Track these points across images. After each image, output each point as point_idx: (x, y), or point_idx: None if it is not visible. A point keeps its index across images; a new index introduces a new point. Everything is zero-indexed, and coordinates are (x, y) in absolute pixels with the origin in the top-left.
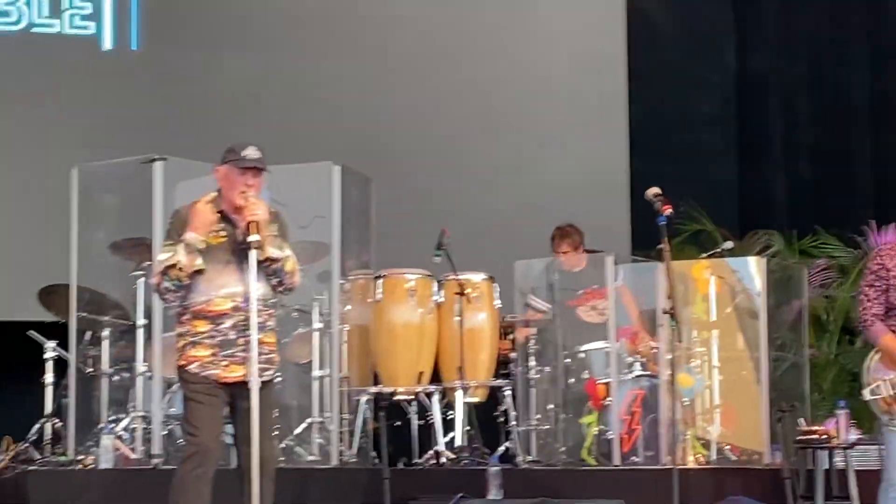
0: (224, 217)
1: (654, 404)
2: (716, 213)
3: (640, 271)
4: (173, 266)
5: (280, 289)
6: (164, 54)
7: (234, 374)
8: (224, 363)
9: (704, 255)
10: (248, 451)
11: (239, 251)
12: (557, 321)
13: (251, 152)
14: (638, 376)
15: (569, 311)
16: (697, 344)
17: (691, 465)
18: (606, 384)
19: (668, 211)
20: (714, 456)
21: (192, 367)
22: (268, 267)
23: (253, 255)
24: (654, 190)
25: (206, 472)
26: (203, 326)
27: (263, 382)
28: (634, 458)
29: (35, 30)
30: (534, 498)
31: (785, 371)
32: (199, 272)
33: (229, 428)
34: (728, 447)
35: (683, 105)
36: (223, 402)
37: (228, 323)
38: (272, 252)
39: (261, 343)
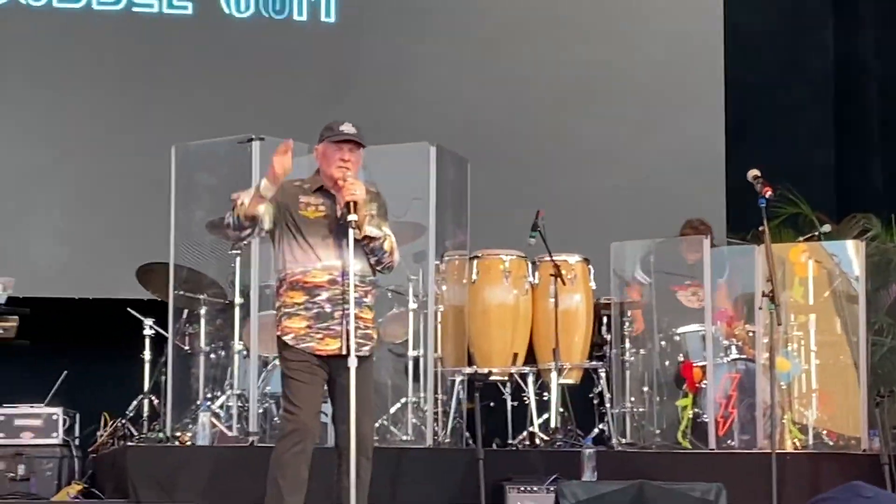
0: (324, 192)
1: (750, 388)
2: (813, 196)
3: (736, 254)
4: (237, 204)
5: (378, 267)
6: (256, 29)
7: (329, 347)
8: (319, 336)
9: (802, 238)
10: (345, 429)
11: (338, 227)
12: (654, 303)
13: (348, 128)
14: (734, 360)
15: (668, 294)
16: (795, 328)
17: (788, 449)
18: (702, 367)
19: (769, 193)
20: (811, 441)
21: (288, 339)
22: (366, 245)
23: (351, 233)
24: (755, 172)
25: (304, 449)
26: (299, 298)
27: (360, 358)
28: (730, 442)
29: (135, 9)
30: (628, 480)
31: (883, 356)
32: (255, 219)
33: (325, 407)
34: (825, 432)
35: (781, 87)
36: (322, 379)
37: (324, 295)
38: (370, 231)
39: (357, 318)
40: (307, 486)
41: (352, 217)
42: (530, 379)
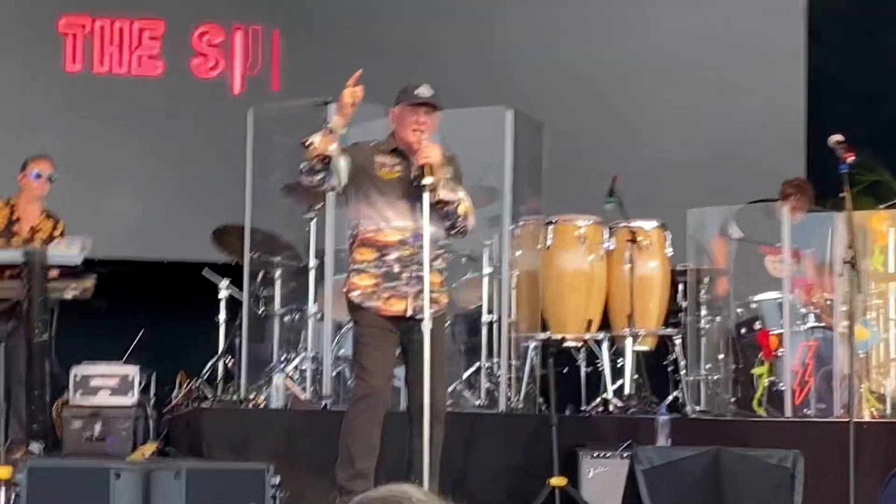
0: (399, 154)
1: (827, 356)
2: (894, 164)
3: (815, 222)
4: (309, 146)
5: (452, 231)
6: None
7: (394, 308)
8: (385, 295)
9: (883, 206)
10: (418, 393)
11: (411, 189)
12: (731, 269)
13: (424, 90)
14: (811, 328)
15: (748, 259)
16: (874, 296)
17: (866, 418)
18: (779, 335)
19: (850, 159)
20: (888, 410)
21: (354, 296)
22: (440, 209)
23: (426, 196)
24: (837, 137)
25: (375, 415)
26: (369, 255)
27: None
28: (806, 411)
29: None
30: (704, 447)
31: None
32: (327, 160)
33: (398, 371)
34: None
35: (864, 50)
36: (394, 343)
37: (394, 255)
38: (444, 195)
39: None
40: (379, 450)
41: (426, 180)
42: (604, 345)
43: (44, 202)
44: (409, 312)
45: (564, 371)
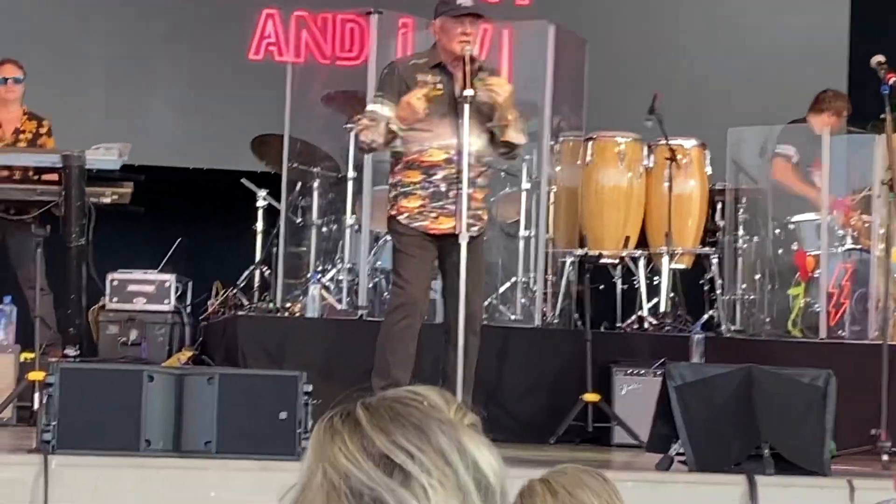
0: (442, 69)
1: (863, 279)
2: None
3: (856, 144)
4: (367, 141)
5: (505, 157)
6: None
7: (443, 226)
8: (433, 215)
9: None
10: (454, 305)
11: (456, 105)
12: (769, 189)
13: (466, 0)
14: (848, 250)
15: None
16: None
17: None
18: (816, 256)
19: (892, 80)
20: None
21: (402, 218)
22: (505, 149)
23: (467, 109)
24: (879, 58)
25: (412, 323)
26: (415, 177)
27: (471, 238)
28: (840, 333)
29: None
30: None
31: None
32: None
33: (436, 284)
34: None
35: None
36: (432, 255)
37: (440, 174)
38: (512, 136)
39: (471, 198)
40: (414, 361)
41: (468, 92)
42: (641, 263)
43: (21, 103)
44: (458, 230)
45: (600, 288)
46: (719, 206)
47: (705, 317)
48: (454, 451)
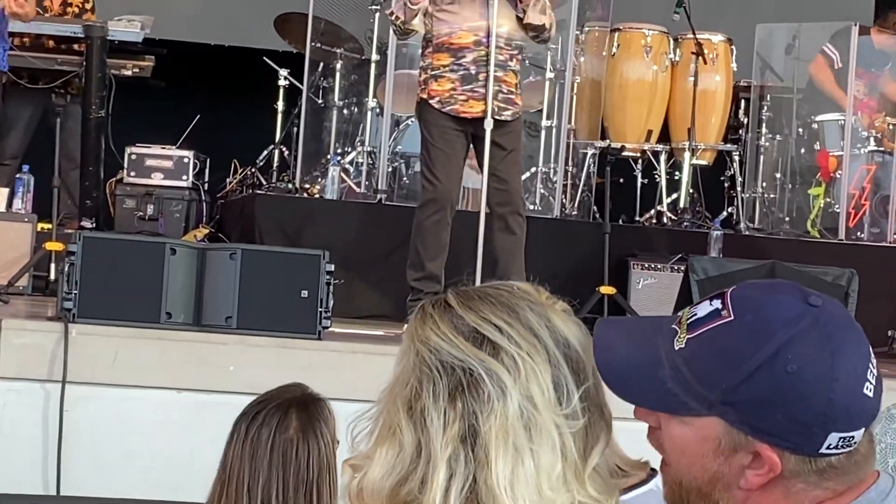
0: None
1: (885, 181)
2: None
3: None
4: (396, 22)
5: (536, 40)
6: None
7: (474, 109)
8: (463, 98)
9: None
10: (496, 188)
11: None
12: (795, 88)
13: None
14: (871, 151)
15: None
16: None
17: None
18: (838, 157)
19: None
20: None
21: (434, 102)
22: (535, 35)
23: None
24: None
25: (442, 217)
26: (445, 60)
27: (504, 122)
28: (860, 234)
29: None
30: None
31: None
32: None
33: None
34: None
35: None
36: (464, 142)
37: (469, 57)
38: (534, 17)
39: (501, 81)
40: (448, 249)
41: None
42: (662, 157)
43: None
44: (488, 114)
45: (620, 181)
46: (743, 102)
47: (724, 214)
48: (543, 328)
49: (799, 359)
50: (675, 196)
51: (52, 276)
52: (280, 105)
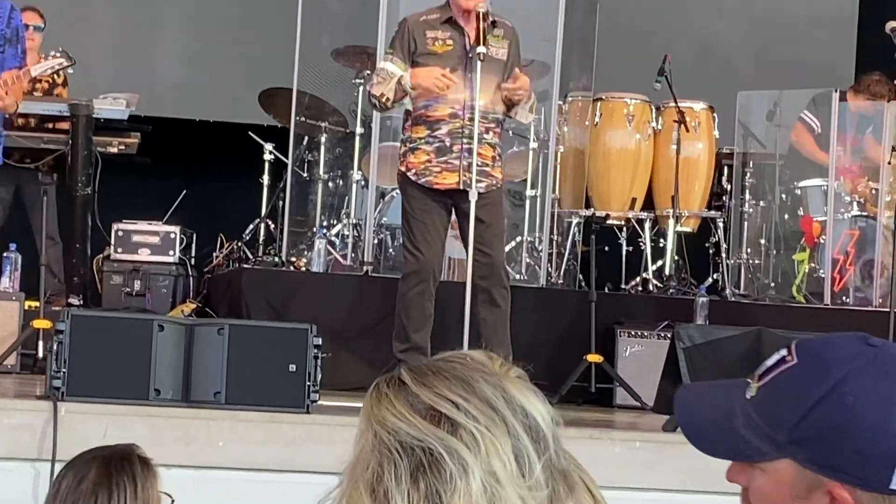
0: (452, 24)
1: (869, 246)
2: None
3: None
4: (381, 99)
5: (513, 118)
6: None
7: (447, 181)
8: (437, 170)
9: None
10: (480, 261)
11: (465, 60)
12: (777, 154)
13: None
14: (855, 216)
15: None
16: None
17: None
18: (822, 222)
19: None
20: None
21: (411, 175)
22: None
23: (479, 66)
24: (893, 24)
25: (426, 288)
26: (422, 132)
27: (480, 194)
28: (845, 299)
29: None
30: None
31: None
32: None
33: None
34: None
35: None
36: (443, 212)
37: (445, 129)
38: (521, 116)
39: (476, 153)
40: (433, 320)
41: (480, 49)
42: (647, 225)
43: (39, 52)
44: (462, 185)
45: (605, 249)
46: (726, 169)
47: (710, 280)
48: (500, 399)
49: (856, 392)
50: (660, 263)
51: (41, 354)
52: (266, 179)
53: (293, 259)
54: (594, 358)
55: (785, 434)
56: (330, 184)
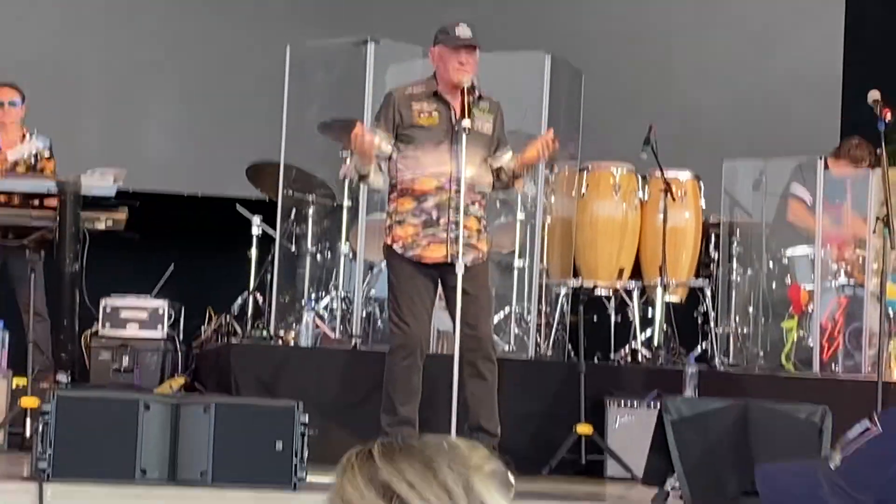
0: (438, 98)
1: (857, 314)
2: None
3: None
4: (352, 177)
5: (500, 188)
6: None
7: (435, 254)
8: (425, 242)
9: None
10: (466, 333)
11: (451, 133)
12: (763, 222)
13: (463, 30)
14: (842, 284)
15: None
16: None
17: (894, 378)
18: (809, 290)
19: (888, 116)
20: None
21: (397, 247)
22: (500, 186)
23: (464, 139)
24: (875, 94)
25: (413, 361)
26: (408, 205)
27: (466, 267)
28: (834, 368)
29: None
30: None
31: None
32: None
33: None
34: None
35: None
36: (430, 285)
37: (431, 202)
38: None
39: (462, 226)
40: (420, 393)
41: (465, 122)
42: (635, 295)
43: (22, 125)
44: (449, 259)
45: (594, 319)
46: (713, 238)
47: (699, 350)
48: (459, 488)
49: None
50: (649, 333)
51: (28, 433)
52: (254, 252)
53: (281, 333)
54: (584, 429)
55: (871, 496)
56: (318, 257)
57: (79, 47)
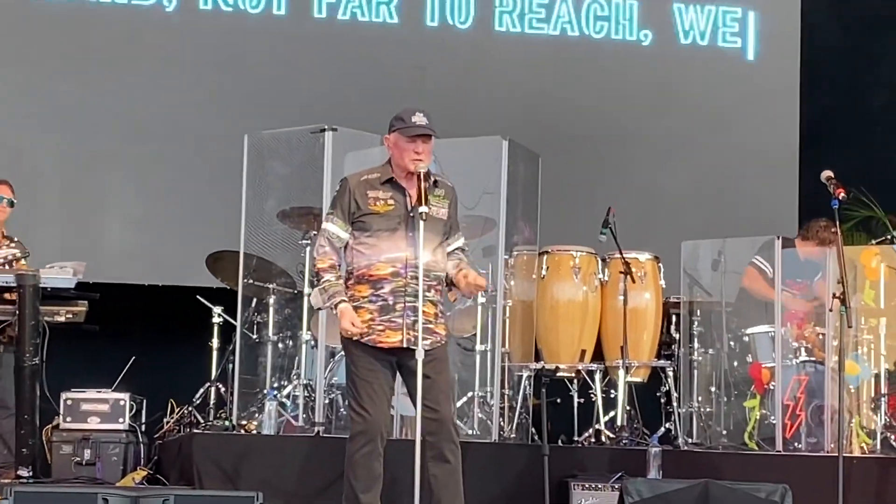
0: (393, 184)
1: (818, 391)
2: (886, 199)
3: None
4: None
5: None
6: (334, 26)
7: (391, 339)
8: (381, 328)
9: (874, 241)
10: (427, 418)
11: (407, 219)
12: (723, 301)
13: (419, 118)
14: (803, 362)
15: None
16: (865, 331)
17: (856, 453)
18: (771, 368)
19: (842, 195)
20: (878, 446)
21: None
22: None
23: (421, 225)
24: (828, 173)
25: (374, 448)
26: (364, 291)
27: (426, 351)
28: (797, 445)
29: (203, 7)
30: (694, 480)
31: None
32: None
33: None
34: (893, 437)
35: (856, 90)
36: (388, 370)
37: (387, 288)
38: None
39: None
40: (382, 479)
41: (422, 209)
42: (597, 376)
43: (2, 227)
44: (405, 344)
45: (557, 401)
46: (674, 318)
47: (662, 429)
48: None
49: None
50: (612, 414)
51: None
52: (215, 342)
53: (244, 422)
54: None
55: None
56: (280, 345)
57: (34, 138)
